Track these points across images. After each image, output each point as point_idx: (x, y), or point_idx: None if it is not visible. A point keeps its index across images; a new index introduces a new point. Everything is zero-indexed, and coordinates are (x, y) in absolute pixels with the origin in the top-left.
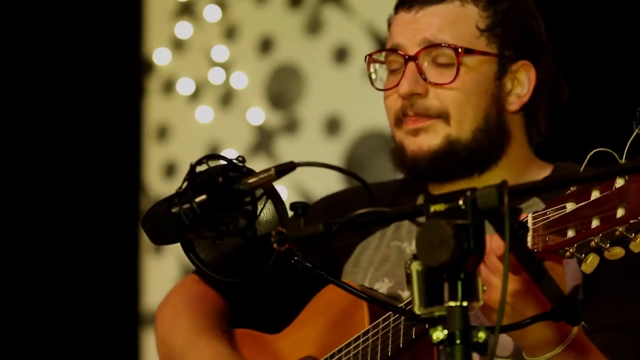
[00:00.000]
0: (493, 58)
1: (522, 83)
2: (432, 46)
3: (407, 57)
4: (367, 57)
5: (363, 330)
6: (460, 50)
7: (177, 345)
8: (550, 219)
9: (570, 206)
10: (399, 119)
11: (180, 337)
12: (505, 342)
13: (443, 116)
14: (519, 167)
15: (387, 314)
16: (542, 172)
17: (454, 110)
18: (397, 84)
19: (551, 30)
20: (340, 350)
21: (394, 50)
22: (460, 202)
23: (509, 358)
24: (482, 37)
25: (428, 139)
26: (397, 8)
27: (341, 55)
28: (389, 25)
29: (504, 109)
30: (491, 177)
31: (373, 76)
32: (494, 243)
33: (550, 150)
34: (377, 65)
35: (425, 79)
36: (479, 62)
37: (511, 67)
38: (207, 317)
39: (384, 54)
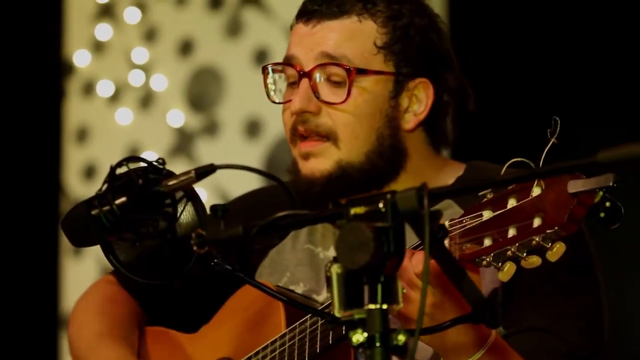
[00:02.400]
0: (389, 77)
1: (420, 100)
2: (325, 64)
3: (301, 72)
4: (264, 68)
5: (280, 333)
6: (352, 70)
7: (82, 349)
8: (467, 227)
9: (486, 214)
10: (293, 136)
11: (85, 340)
12: (425, 347)
13: (332, 138)
14: (423, 177)
15: (305, 317)
16: (454, 173)
17: (344, 134)
18: (292, 99)
19: (473, 39)
20: (257, 353)
21: (290, 63)
22: (380, 205)
23: None
24: (379, 54)
25: (318, 164)
26: (297, 18)
27: (261, 57)
28: (291, 29)
29: (399, 128)
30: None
31: (272, 87)
32: (413, 260)
33: (472, 154)
34: (276, 76)
35: (318, 97)
36: (373, 82)
37: (408, 85)
38: (115, 320)
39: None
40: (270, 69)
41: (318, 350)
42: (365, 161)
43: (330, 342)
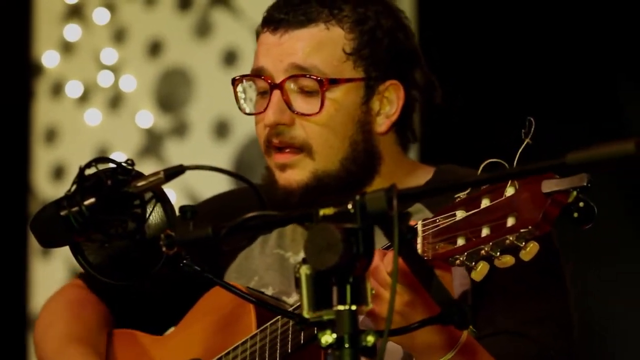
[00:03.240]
0: (360, 83)
1: (391, 102)
2: (297, 76)
3: (272, 84)
4: (234, 80)
5: (251, 334)
6: (324, 81)
7: (48, 351)
8: (440, 226)
9: (460, 214)
10: (268, 148)
11: (51, 344)
12: (395, 349)
13: (306, 150)
14: (395, 181)
15: (275, 318)
16: (423, 177)
17: (318, 145)
18: (265, 110)
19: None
20: (227, 354)
21: (259, 75)
22: (350, 206)
23: None
24: (348, 60)
25: (295, 175)
26: (263, 25)
27: (230, 58)
28: (257, 36)
29: (371, 132)
30: None
31: (242, 96)
32: (385, 259)
33: (440, 160)
34: (246, 85)
35: (291, 108)
36: (345, 90)
37: (379, 88)
38: (82, 323)
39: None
40: (240, 80)
41: (289, 350)
42: (340, 169)
43: (302, 342)
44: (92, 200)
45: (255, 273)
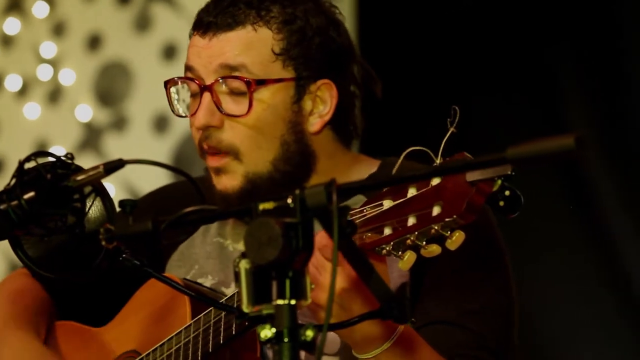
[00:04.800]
0: (290, 83)
1: (324, 101)
2: (225, 77)
3: (202, 86)
4: (166, 83)
5: (185, 326)
6: (252, 82)
7: None
8: (367, 216)
9: (387, 204)
10: (202, 151)
11: None
12: (332, 339)
13: (233, 153)
14: (335, 174)
15: (209, 310)
16: (367, 170)
17: (245, 147)
18: (196, 112)
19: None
20: (162, 345)
21: (190, 78)
22: (289, 201)
23: (336, 355)
24: (277, 61)
25: (228, 180)
26: (193, 29)
27: (170, 52)
28: (190, 37)
29: (304, 132)
30: None
31: (175, 97)
32: (323, 240)
33: (377, 148)
34: (180, 87)
35: (221, 110)
36: (274, 90)
37: (310, 88)
38: (23, 309)
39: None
40: (172, 83)
41: (221, 341)
42: (272, 170)
43: (234, 332)
44: (31, 194)
45: (196, 262)
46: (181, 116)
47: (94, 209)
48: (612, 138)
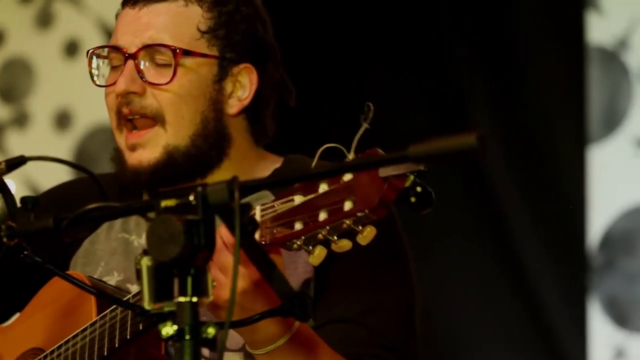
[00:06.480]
0: (213, 60)
1: (244, 86)
2: (151, 46)
3: (127, 55)
4: (89, 52)
5: (90, 322)
6: (178, 51)
7: None
8: (278, 211)
9: (298, 199)
10: (119, 121)
11: None
12: (235, 336)
13: (159, 120)
14: (244, 166)
15: (115, 306)
16: (272, 166)
17: (170, 114)
18: (116, 82)
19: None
20: (67, 342)
21: (115, 47)
22: (191, 198)
23: (239, 351)
24: (202, 38)
25: (146, 154)
26: (123, 4)
27: (72, 49)
28: (116, 18)
29: (223, 113)
30: (213, 180)
31: (95, 72)
32: (224, 238)
33: (285, 146)
34: (100, 61)
35: (142, 78)
36: (198, 64)
37: (232, 70)
38: None
39: (107, 49)
40: (94, 53)
41: (128, 337)
42: (190, 145)
43: (140, 328)
44: None
45: (101, 259)
46: (101, 86)
47: None
48: (511, 134)
